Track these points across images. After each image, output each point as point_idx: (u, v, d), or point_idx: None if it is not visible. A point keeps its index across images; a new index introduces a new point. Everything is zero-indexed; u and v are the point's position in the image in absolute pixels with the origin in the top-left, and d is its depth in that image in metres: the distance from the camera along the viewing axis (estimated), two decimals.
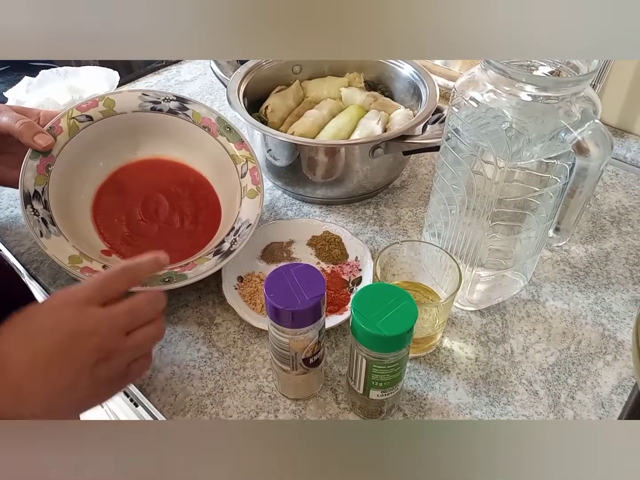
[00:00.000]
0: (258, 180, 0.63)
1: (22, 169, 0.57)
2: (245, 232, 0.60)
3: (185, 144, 0.67)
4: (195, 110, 0.66)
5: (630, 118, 0.84)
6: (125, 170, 0.67)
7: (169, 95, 0.66)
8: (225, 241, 0.60)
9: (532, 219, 0.54)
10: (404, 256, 0.58)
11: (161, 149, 0.68)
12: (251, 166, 0.64)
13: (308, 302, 0.43)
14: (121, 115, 0.64)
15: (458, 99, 0.51)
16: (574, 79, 0.46)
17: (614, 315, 0.61)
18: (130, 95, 0.65)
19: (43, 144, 0.58)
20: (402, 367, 0.46)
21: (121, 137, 0.65)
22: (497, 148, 0.48)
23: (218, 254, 0.58)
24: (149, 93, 0.66)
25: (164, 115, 0.66)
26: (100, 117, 0.63)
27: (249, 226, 0.60)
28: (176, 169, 0.68)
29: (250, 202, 0.62)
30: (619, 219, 0.74)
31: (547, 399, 0.53)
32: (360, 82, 0.84)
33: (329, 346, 0.57)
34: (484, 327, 0.60)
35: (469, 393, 0.54)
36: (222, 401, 0.53)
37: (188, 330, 0.59)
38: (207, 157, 0.67)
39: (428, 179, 0.80)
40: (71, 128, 0.61)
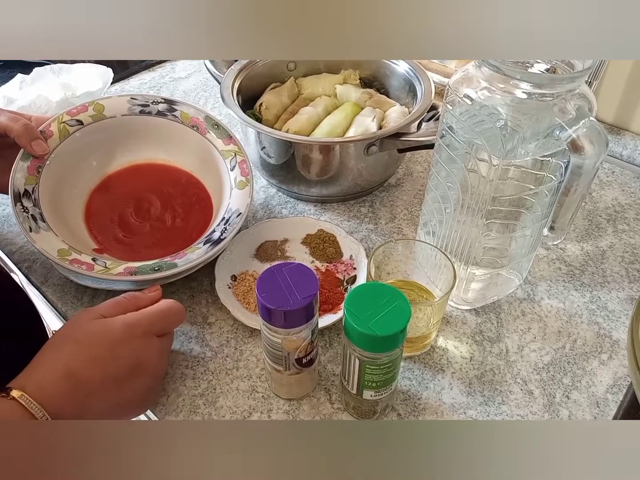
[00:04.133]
0: (247, 172, 0.64)
1: (13, 170, 0.58)
2: (235, 221, 0.59)
3: (174, 145, 0.67)
4: (183, 110, 0.67)
5: (626, 115, 0.84)
6: (117, 174, 0.67)
7: (157, 98, 0.67)
8: (216, 230, 0.60)
9: (527, 217, 0.54)
10: (399, 255, 0.58)
11: (151, 151, 0.68)
12: (240, 159, 0.64)
13: (300, 302, 0.43)
14: (111, 119, 0.65)
15: (452, 97, 0.51)
16: (569, 76, 0.46)
17: (610, 314, 0.61)
18: (119, 100, 0.66)
19: (39, 151, 0.59)
20: (395, 367, 0.46)
21: (111, 140, 0.66)
22: (491, 146, 0.47)
23: (208, 242, 0.58)
24: (137, 97, 0.67)
25: (153, 117, 0.66)
26: (90, 122, 0.64)
27: (239, 215, 0.60)
28: (167, 171, 0.69)
29: (239, 193, 0.62)
30: (615, 216, 0.74)
31: (542, 398, 0.53)
32: (355, 79, 0.83)
33: (323, 345, 0.57)
34: (479, 326, 0.59)
35: (463, 393, 0.53)
36: (214, 401, 0.52)
37: (181, 330, 0.58)
38: (197, 156, 0.68)
39: (423, 176, 0.80)
40: (61, 132, 0.62)
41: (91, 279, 0.59)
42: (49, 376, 0.43)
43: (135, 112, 0.66)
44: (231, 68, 0.76)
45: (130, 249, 0.61)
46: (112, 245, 0.61)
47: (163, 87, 1.00)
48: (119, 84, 1.01)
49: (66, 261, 0.54)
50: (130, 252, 0.61)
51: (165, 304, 0.52)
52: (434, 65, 0.95)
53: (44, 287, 0.63)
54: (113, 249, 0.61)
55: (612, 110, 0.84)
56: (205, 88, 1.00)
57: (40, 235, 0.55)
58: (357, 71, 0.84)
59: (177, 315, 0.52)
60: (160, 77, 1.03)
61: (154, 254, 0.58)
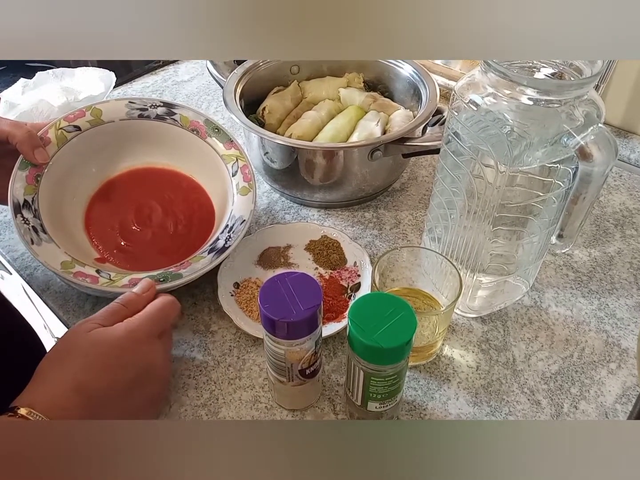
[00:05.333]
0: (249, 177, 0.63)
1: (12, 179, 0.57)
2: (239, 228, 0.59)
3: (175, 149, 0.67)
4: (183, 114, 0.66)
5: (634, 118, 0.83)
6: (117, 180, 0.67)
7: (156, 102, 0.66)
8: (220, 238, 0.59)
9: (534, 224, 0.53)
10: (404, 262, 0.57)
11: (151, 156, 0.67)
12: (242, 164, 0.64)
13: (304, 313, 0.42)
14: (109, 124, 0.64)
15: (458, 102, 0.50)
16: (577, 82, 0.45)
17: (618, 322, 0.60)
18: (117, 104, 0.65)
19: (40, 160, 0.58)
20: (401, 379, 0.45)
21: (110, 145, 0.65)
22: (497, 152, 0.46)
23: (213, 251, 0.57)
24: (135, 101, 0.66)
25: (152, 121, 0.65)
26: (88, 127, 0.63)
27: (243, 222, 0.59)
28: (168, 175, 0.68)
29: (242, 199, 0.61)
30: (623, 221, 0.73)
31: (550, 408, 0.52)
32: (359, 82, 0.83)
33: (327, 354, 0.56)
34: (485, 335, 0.58)
35: (469, 403, 0.52)
36: (217, 412, 0.51)
37: (183, 338, 0.58)
38: (198, 160, 0.67)
39: (428, 181, 0.79)
40: (59, 139, 0.61)
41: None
42: (58, 391, 0.42)
43: (134, 117, 0.65)
44: (234, 72, 0.76)
45: (133, 258, 0.60)
46: (114, 254, 0.61)
47: (166, 91, 1.00)
48: (121, 87, 1.00)
49: (70, 274, 0.53)
50: (133, 261, 0.60)
51: (160, 302, 0.51)
52: (438, 68, 0.94)
53: (45, 295, 0.62)
54: (115, 257, 0.60)
55: (620, 113, 0.83)
56: (208, 92, 0.99)
57: (42, 248, 0.54)
58: (360, 74, 0.83)
59: (173, 310, 0.51)
60: (162, 81, 1.03)
61: (157, 263, 0.57)
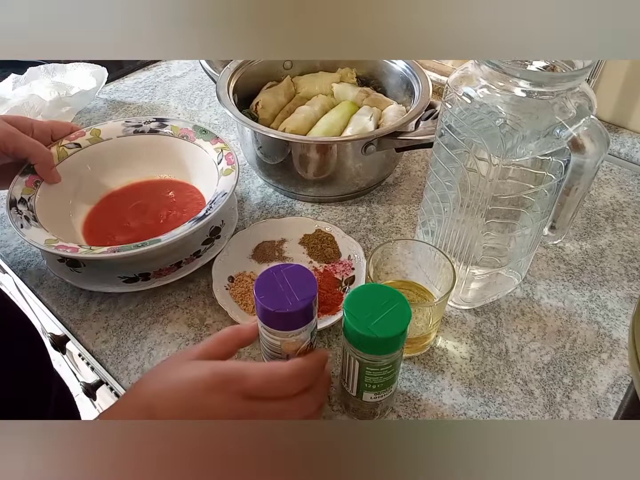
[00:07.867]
0: (232, 161, 0.65)
1: (12, 184, 0.61)
2: (220, 200, 0.60)
3: (168, 158, 0.71)
4: (174, 124, 0.71)
5: (624, 113, 0.84)
6: (115, 194, 0.70)
7: (149, 118, 0.72)
8: (201, 211, 0.60)
9: (527, 217, 0.54)
10: (397, 255, 0.57)
11: (147, 169, 0.71)
12: (226, 152, 0.66)
13: (299, 304, 0.42)
14: (107, 141, 0.70)
15: (451, 95, 0.50)
16: (569, 74, 0.45)
17: (609, 313, 0.60)
18: (114, 124, 0.71)
19: (53, 180, 0.64)
20: (395, 369, 0.46)
21: (109, 161, 0.70)
22: (491, 145, 0.47)
23: (192, 220, 0.58)
24: (131, 120, 0.72)
25: (146, 135, 0.71)
26: (88, 144, 0.69)
27: (224, 195, 0.60)
28: (164, 183, 0.71)
29: (225, 179, 0.63)
30: (614, 215, 0.73)
31: (543, 398, 0.53)
32: (352, 77, 0.83)
33: (322, 347, 0.56)
34: (479, 326, 0.59)
35: (463, 393, 0.53)
36: None
37: (178, 332, 0.58)
38: (190, 163, 0.70)
39: (421, 175, 0.79)
40: (60, 154, 0.66)
41: (86, 282, 0.59)
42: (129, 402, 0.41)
43: (130, 133, 0.70)
44: (227, 67, 0.76)
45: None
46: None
47: (158, 86, 0.99)
48: (113, 83, 1.00)
49: (52, 247, 0.54)
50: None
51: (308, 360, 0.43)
52: (431, 63, 0.95)
53: (39, 290, 0.62)
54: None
55: (610, 108, 0.84)
56: (201, 87, 0.99)
57: (31, 230, 0.57)
58: (353, 69, 0.83)
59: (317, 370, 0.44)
60: (155, 76, 1.03)
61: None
